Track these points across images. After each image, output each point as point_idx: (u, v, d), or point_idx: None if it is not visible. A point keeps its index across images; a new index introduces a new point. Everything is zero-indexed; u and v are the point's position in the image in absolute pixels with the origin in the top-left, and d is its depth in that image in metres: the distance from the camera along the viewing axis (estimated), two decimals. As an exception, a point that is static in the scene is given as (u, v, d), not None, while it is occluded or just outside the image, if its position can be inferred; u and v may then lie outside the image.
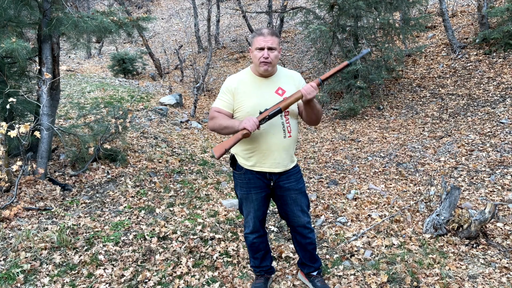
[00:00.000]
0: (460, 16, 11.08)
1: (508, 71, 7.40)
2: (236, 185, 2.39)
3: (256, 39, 2.12)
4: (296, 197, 2.32)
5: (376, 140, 6.64)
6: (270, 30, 2.13)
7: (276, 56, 2.12)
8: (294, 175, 2.31)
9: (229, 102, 2.20)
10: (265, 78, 2.20)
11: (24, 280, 2.56)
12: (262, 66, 2.11)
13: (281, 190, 2.30)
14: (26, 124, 3.40)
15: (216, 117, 2.19)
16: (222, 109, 2.20)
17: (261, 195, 2.31)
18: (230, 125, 2.11)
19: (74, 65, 15.42)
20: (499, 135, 5.32)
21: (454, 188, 3.24)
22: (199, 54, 16.10)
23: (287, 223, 2.49)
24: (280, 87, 2.19)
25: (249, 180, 2.27)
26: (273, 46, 2.10)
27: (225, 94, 2.21)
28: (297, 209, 2.34)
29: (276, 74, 2.23)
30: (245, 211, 2.39)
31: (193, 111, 8.46)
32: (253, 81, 2.20)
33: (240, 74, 2.25)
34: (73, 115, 6.44)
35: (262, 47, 2.09)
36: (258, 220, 2.38)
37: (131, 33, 5.10)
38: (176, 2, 24.02)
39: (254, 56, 2.13)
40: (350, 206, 4.06)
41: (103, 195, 4.03)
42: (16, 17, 3.89)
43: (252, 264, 2.58)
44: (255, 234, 2.43)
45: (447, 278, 2.64)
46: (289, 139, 2.21)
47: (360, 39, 8.62)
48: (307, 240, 2.45)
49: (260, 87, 2.19)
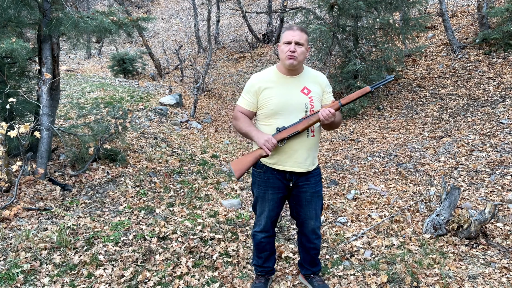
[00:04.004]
0: (460, 16, 11.08)
1: (508, 71, 7.40)
2: (253, 183, 2.36)
3: (285, 33, 2.12)
4: (312, 199, 2.31)
5: (376, 140, 6.64)
6: (300, 27, 2.13)
7: (303, 52, 2.10)
8: (314, 177, 2.29)
9: (252, 101, 2.21)
10: (291, 76, 2.19)
11: (24, 280, 2.56)
12: (288, 60, 2.09)
13: (298, 190, 2.29)
14: (26, 124, 3.40)
15: (238, 118, 2.24)
16: (245, 108, 2.23)
17: (277, 196, 2.29)
18: (248, 133, 2.19)
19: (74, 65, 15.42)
20: (499, 135, 5.32)
21: (454, 188, 3.24)
22: (199, 54, 16.10)
23: (296, 223, 2.48)
24: (306, 87, 2.18)
25: (268, 179, 2.26)
26: (301, 42, 2.09)
27: (248, 93, 2.22)
28: (310, 211, 2.33)
29: (302, 73, 2.22)
30: (259, 209, 2.37)
31: (193, 111, 8.46)
32: (278, 79, 2.19)
33: (264, 72, 2.25)
34: (73, 115, 6.44)
35: (289, 41, 2.08)
36: (271, 220, 2.37)
37: (131, 33, 5.10)
38: (176, 2, 24.02)
39: (281, 51, 2.12)
40: (350, 206, 4.06)
41: (103, 195, 4.03)
42: (16, 17, 3.88)
43: (255, 263, 2.57)
44: (264, 234, 2.41)
45: (447, 278, 2.64)
46: (312, 139, 2.21)
47: (360, 39, 8.62)
48: (311, 245, 2.44)
49: (286, 85, 2.17)
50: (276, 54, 12.50)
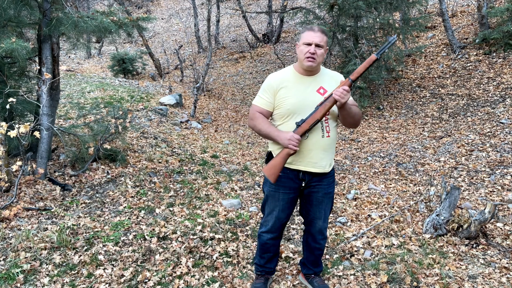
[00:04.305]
0: (460, 16, 11.08)
1: (508, 71, 7.40)
2: (265, 182, 2.34)
3: (305, 34, 2.11)
4: (323, 200, 2.30)
5: (376, 140, 6.64)
6: (321, 28, 2.12)
7: (322, 54, 2.10)
8: (327, 178, 2.27)
9: (269, 100, 2.20)
10: (308, 76, 2.18)
11: (24, 280, 2.56)
12: (307, 61, 2.09)
13: (310, 190, 2.28)
14: (26, 124, 3.40)
15: (256, 118, 2.22)
16: (262, 108, 2.22)
17: (288, 196, 2.27)
18: (269, 134, 2.17)
19: (74, 65, 15.42)
20: (499, 135, 5.32)
21: (454, 188, 3.24)
22: (199, 54, 16.10)
23: (304, 222, 2.47)
24: (322, 87, 2.17)
25: (280, 178, 2.23)
26: (321, 44, 2.08)
27: (265, 92, 2.21)
28: (319, 212, 2.33)
29: (319, 73, 2.21)
30: (268, 209, 2.35)
31: (193, 111, 8.46)
32: (295, 79, 2.18)
33: (281, 72, 2.24)
34: (73, 115, 6.44)
35: (309, 42, 2.07)
36: (280, 222, 2.34)
37: (131, 33, 5.10)
38: (176, 2, 24.03)
39: (300, 51, 2.11)
40: (350, 206, 4.06)
41: (103, 195, 4.03)
42: (16, 17, 3.88)
43: (257, 262, 2.56)
44: (270, 235, 2.38)
45: (447, 278, 2.64)
46: (328, 139, 2.18)
47: (360, 39, 8.62)
48: (317, 245, 2.44)
49: (302, 85, 2.16)
50: (276, 54, 12.51)
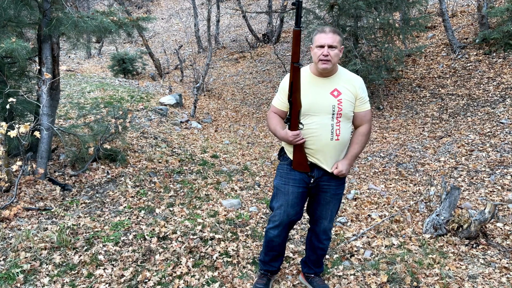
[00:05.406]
0: (460, 16, 11.08)
1: (508, 71, 7.40)
2: (276, 176, 2.35)
3: (317, 36, 2.09)
4: (331, 200, 2.30)
5: (376, 140, 6.64)
6: (332, 28, 2.09)
7: (337, 54, 2.07)
8: (336, 180, 2.26)
9: (284, 100, 2.22)
10: (323, 77, 2.16)
11: (24, 280, 2.56)
12: (321, 64, 2.07)
13: (318, 189, 2.28)
14: (26, 124, 3.40)
15: (269, 118, 2.30)
16: (277, 108, 2.28)
17: (298, 190, 2.24)
18: (275, 133, 2.25)
19: (74, 65, 15.42)
20: (499, 135, 5.32)
21: (454, 188, 3.24)
22: (199, 54, 16.10)
23: (309, 220, 2.47)
24: (337, 89, 2.14)
25: (290, 171, 2.24)
26: (334, 44, 2.05)
27: (280, 93, 2.25)
28: (326, 212, 2.32)
29: (336, 74, 2.18)
30: (277, 203, 2.29)
31: (193, 111, 8.45)
32: (310, 80, 2.17)
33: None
34: (73, 115, 6.44)
35: (322, 44, 2.05)
36: (289, 218, 2.27)
37: (131, 33, 5.10)
38: (176, 2, 24.03)
39: (314, 54, 2.10)
40: (350, 206, 4.06)
41: (103, 195, 4.03)
42: (16, 17, 3.88)
43: (261, 258, 2.54)
44: (277, 231, 2.33)
45: (447, 278, 2.64)
46: (336, 142, 2.14)
47: (360, 39, 8.61)
48: (320, 245, 2.44)
49: (316, 86, 2.15)
50: (276, 54, 12.51)
